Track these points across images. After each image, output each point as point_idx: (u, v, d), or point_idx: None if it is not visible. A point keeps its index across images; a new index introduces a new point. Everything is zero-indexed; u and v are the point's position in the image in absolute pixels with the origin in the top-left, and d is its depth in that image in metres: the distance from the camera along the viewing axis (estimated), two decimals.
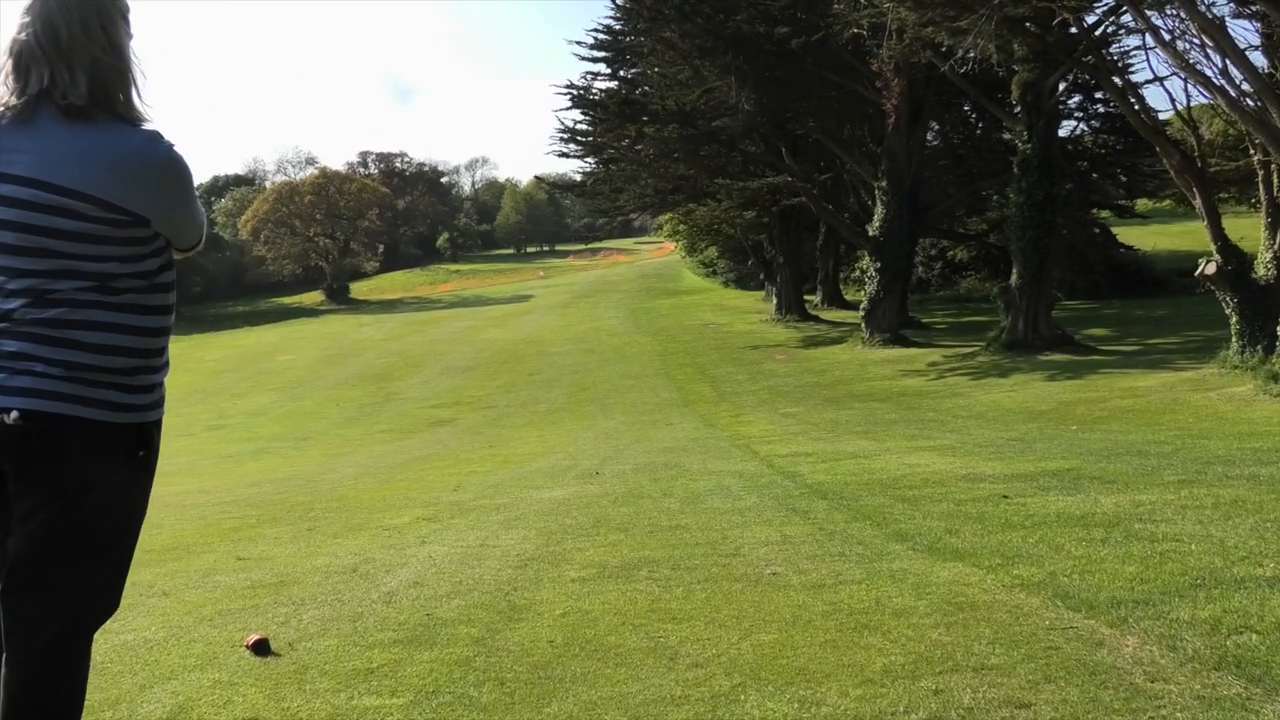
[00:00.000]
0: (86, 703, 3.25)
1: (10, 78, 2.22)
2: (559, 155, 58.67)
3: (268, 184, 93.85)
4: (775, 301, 38.89)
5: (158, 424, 2.40)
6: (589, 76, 37.97)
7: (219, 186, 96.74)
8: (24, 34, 2.21)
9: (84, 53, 2.21)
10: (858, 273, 39.55)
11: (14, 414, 2.15)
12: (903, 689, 3.08)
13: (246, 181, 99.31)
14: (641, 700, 3.16)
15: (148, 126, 2.31)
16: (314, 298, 73.30)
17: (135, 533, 2.42)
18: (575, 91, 35.82)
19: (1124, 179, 36.06)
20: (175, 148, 2.30)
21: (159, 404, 2.39)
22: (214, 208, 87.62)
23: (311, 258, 76.07)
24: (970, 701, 2.94)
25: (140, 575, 5.65)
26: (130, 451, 2.31)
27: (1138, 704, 2.85)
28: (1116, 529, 5.09)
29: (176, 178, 2.29)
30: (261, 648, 3.91)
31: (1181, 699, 2.85)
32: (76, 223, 2.17)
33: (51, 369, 2.19)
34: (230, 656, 3.88)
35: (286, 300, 74.41)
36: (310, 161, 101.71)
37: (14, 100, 2.20)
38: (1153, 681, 2.99)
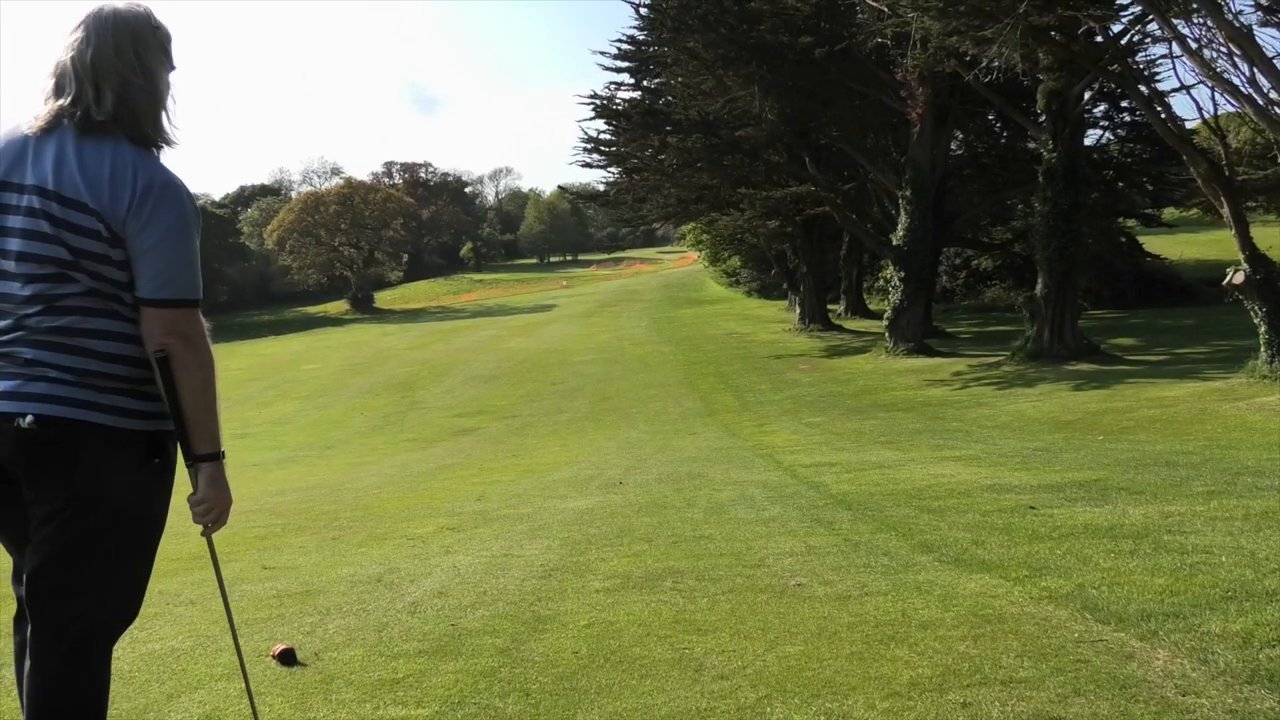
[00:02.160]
0: (114, 711, 3.28)
1: (50, 96, 2.32)
2: (582, 165, 58.88)
3: (293, 194, 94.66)
4: (798, 311, 38.75)
5: (173, 434, 2.41)
6: (612, 86, 37.98)
7: (245, 196, 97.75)
8: (65, 55, 2.31)
9: (114, 73, 2.30)
10: (881, 282, 39.34)
11: (29, 418, 2.20)
12: (930, 702, 3.05)
13: (272, 191, 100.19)
14: (667, 712, 3.15)
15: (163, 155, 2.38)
16: (339, 307, 73.83)
17: (153, 541, 2.44)
18: (599, 102, 35.87)
19: (1150, 187, 35.68)
20: (179, 180, 2.32)
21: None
22: (240, 217, 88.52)
23: (336, 267, 76.61)
24: (999, 715, 2.92)
25: (167, 584, 5.70)
26: (143, 458, 2.34)
27: (1169, 718, 2.81)
28: (1145, 540, 5.03)
29: (167, 203, 2.27)
30: (287, 657, 3.93)
31: (1214, 713, 2.82)
32: (79, 235, 2.23)
33: (64, 375, 2.25)
34: (256, 666, 3.90)
35: (311, 309, 74.97)
36: (335, 172, 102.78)
37: (46, 114, 2.30)
38: (1184, 695, 2.95)
